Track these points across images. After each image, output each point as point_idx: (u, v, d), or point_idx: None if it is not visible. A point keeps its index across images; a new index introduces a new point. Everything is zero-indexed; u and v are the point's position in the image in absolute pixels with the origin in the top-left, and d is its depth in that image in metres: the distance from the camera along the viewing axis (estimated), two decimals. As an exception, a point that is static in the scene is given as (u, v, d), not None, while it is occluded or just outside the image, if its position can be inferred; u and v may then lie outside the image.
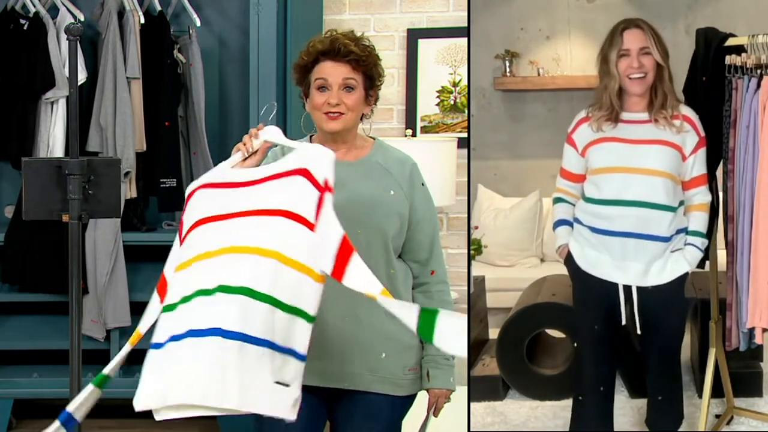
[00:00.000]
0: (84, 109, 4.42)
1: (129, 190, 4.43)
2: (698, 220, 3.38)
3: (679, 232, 3.37)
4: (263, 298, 2.36)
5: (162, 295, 2.55)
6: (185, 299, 2.42)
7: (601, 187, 3.36)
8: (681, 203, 3.37)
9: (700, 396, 3.86)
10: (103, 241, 4.38)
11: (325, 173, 2.45)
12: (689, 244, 3.37)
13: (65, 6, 4.45)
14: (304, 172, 2.47)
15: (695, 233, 3.38)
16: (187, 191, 2.61)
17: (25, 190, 2.91)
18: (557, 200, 3.54)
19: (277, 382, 2.37)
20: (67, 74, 4.04)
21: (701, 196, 3.39)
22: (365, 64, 2.70)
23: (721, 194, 3.54)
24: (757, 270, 3.29)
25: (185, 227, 2.56)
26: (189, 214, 2.57)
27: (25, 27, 4.45)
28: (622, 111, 3.35)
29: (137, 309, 4.49)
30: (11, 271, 4.47)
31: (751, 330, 3.39)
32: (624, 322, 3.40)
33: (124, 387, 4.43)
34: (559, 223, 3.51)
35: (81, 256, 2.91)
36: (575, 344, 3.71)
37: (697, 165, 3.36)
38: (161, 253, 4.57)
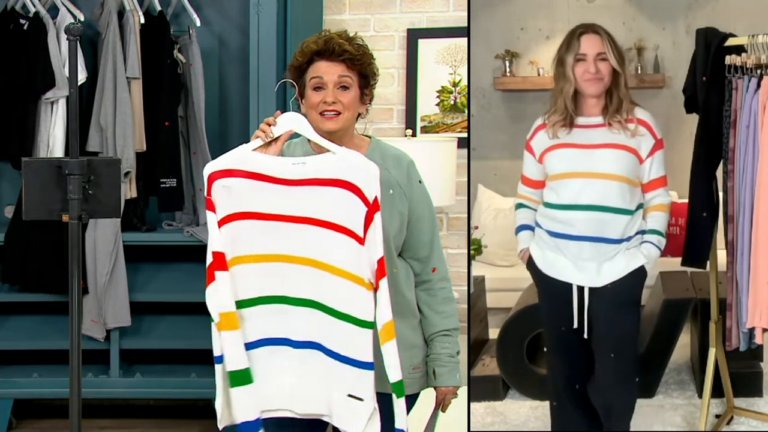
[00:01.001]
0: (84, 109, 4.42)
1: (129, 190, 4.43)
2: (656, 219, 3.36)
3: (638, 233, 3.37)
4: (324, 309, 2.58)
5: (226, 269, 2.60)
6: (241, 304, 2.60)
7: (559, 193, 3.38)
8: (640, 206, 3.36)
9: (700, 396, 3.87)
10: (103, 241, 4.38)
11: (375, 191, 2.56)
12: (645, 241, 3.35)
13: (65, 6, 4.45)
14: (354, 188, 2.56)
15: (653, 231, 3.36)
16: (209, 171, 2.62)
17: (25, 190, 2.90)
18: (519, 206, 3.56)
19: (351, 396, 2.58)
20: (67, 74, 4.04)
21: (661, 198, 3.38)
22: (360, 63, 2.71)
23: (721, 194, 3.54)
24: (757, 270, 3.29)
25: (220, 211, 2.60)
26: (221, 200, 2.60)
27: (25, 27, 4.45)
28: (577, 116, 3.35)
29: (137, 309, 4.50)
30: (11, 271, 4.47)
31: (751, 330, 3.39)
32: (576, 324, 3.40)
33: (123, 387, 4.47)
34: (521, 228, 3.54)
35: (81, 256, 2.90)
36: (545, 348, 3.68)
37: (654, 167, 3.35)
38: (161, 253, 4.61)
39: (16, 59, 4.43)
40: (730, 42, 3.44)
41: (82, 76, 4.32)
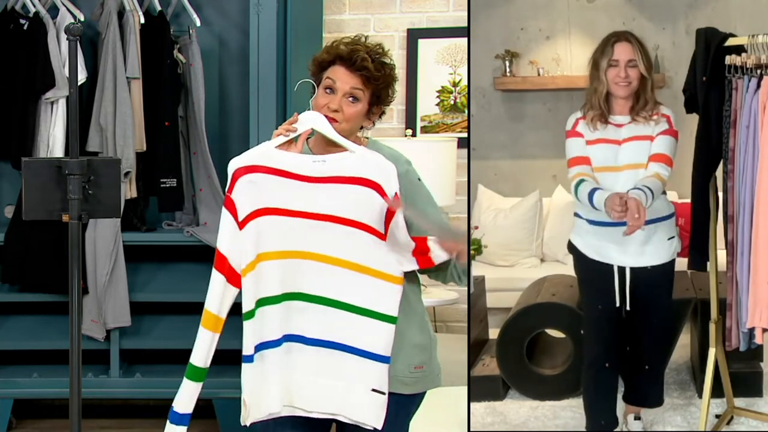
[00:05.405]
0: (84, 109, 4.42)
1: (129, 190, 4.43)
2: (650, 181, 3.45)
3: (669, 215, 3.63)
4: (345, 307, 2.63)
5: (223, 271, 2.66)
6: (265, 301, 2.63)
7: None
8: (663, 192, 3.59)
9: (700, 396, 3.86)
10: (103, 241, 4.38)
11: (394, 188, 2.64)
12: (636, 188, 3.42)
13: (65, 6, 4.45)
14: (374, 185, 2.63)
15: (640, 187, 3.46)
16: (234, 167, 2.65)
17: (25, 190, 2.90)
18: (580, 182, 3.58)
19: (374, 390, 2.64)
20: (67, 74, 4.04)
21: (660, 169, 3.49)
22: (376, 83, 2.71)
23: (721, 194, 3.55)
24: (757, 270, 3.29)
25: (244, 209, 2.63)
26: (246, 196, 2.63)
27: (25, 27, 4.45)
28: (610, 114, 3.60)
29: (137, 309, 4.50)
30: (11, 271, 4.47)
31: (751, 330, 3.39)
32: (618, 303, 3.62)
33: (123, 387, 4.47)
34: (594, 190, 3.53)
35: (81, 256, 2.90)
36: (581, 331, 3.86)
37: (658, 143, 3.51)
38: (161, 253, 4.61)
39: (16, 59, 4.43)
40: (730, 42, 3.45)
41: (82, 76, 4.33)
